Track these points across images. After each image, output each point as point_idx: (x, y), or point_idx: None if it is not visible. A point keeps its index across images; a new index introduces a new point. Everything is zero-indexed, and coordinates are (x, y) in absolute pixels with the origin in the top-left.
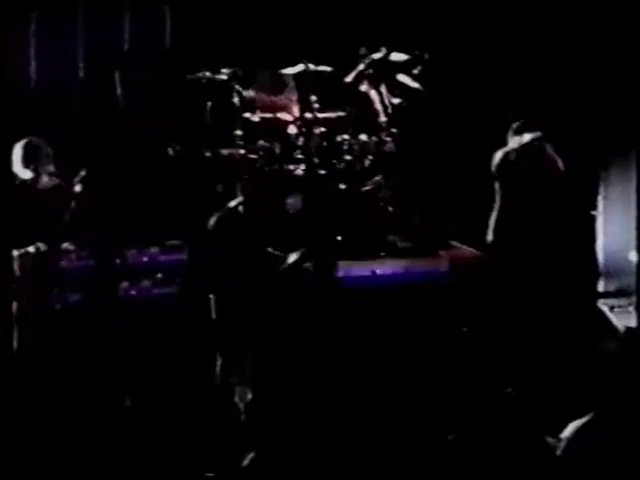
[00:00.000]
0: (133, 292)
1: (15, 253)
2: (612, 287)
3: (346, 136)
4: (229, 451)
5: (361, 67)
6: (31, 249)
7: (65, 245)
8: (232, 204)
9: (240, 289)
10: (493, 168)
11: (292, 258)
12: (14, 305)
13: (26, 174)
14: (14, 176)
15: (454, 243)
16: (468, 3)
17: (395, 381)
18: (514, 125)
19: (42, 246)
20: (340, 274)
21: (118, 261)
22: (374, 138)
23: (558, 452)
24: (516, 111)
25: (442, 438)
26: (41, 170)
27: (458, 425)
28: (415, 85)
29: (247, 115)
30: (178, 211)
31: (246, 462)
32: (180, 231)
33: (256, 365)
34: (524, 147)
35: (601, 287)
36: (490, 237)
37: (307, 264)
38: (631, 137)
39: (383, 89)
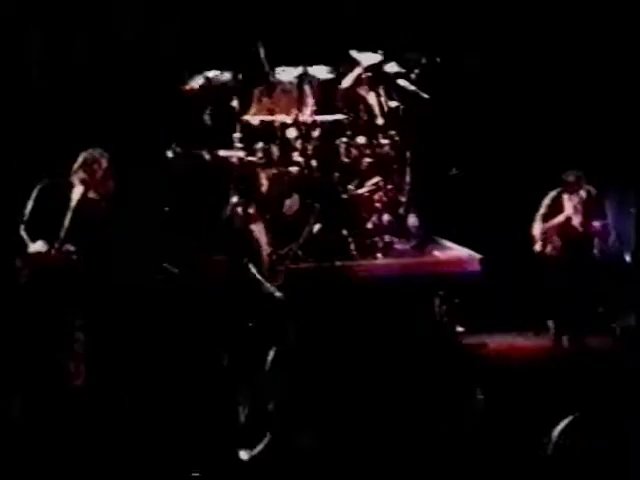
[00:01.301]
0: None
1: None
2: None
3: (344, 139)
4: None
5: (359, 70)
6: None
7: (67, 247)
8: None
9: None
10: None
11: None
12: None
13: (78, 188)
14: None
15: (448, 243)
16: (465, 7)
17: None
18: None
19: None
20: None
21: None
22: (372, 140)
23: (549, 451)
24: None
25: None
26: (90, 185)
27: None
28: (412, 88)
29: (246, 118)
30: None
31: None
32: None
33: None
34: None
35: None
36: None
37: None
38: (628, 139)
39: (381, 92)
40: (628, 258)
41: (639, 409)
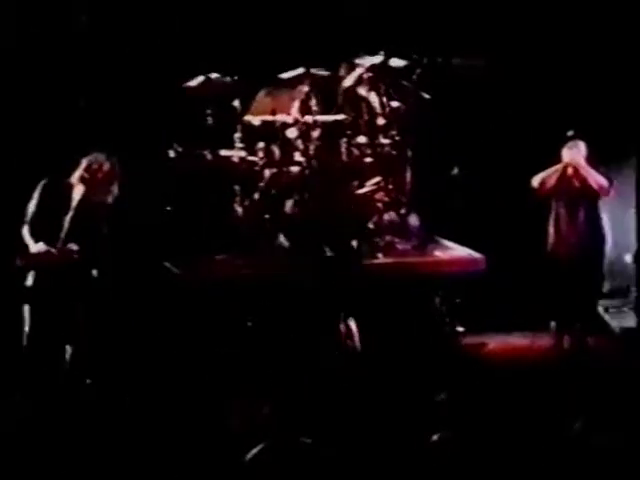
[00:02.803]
0: None
1: None
2: (608, 288)
3: (345, 138)
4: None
5: (360, 71)
6: None
7: (70, 245)
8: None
9: None
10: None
11: None
12: None
13: (79, 187)
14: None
15: (449, 243)
16: (466, 7)
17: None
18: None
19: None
20: None
21: None
22: (373, 140)
23: None
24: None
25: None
26: (92, 184)
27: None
28: (413, 88)
29: (247, 118)
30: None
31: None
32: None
33: None
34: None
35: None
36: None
37: None
38: (628, 140)
39: (382, 92)
40: (629, 258)
41: (639, 409)
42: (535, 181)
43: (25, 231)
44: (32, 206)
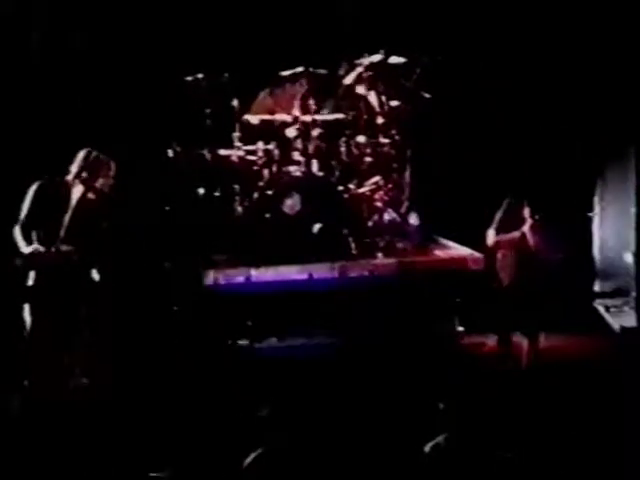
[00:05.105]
0: None
1: None
2: (608, 287)
3: (344, 138)
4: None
5: (360, 70)
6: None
7: (64, 247)
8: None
9: None
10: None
11: None
12: None
13: (77, 186)
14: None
15: (449, 243)
16: (466, 6)
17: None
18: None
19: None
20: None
21: None
22: (372, 140)
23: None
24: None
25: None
26: (91, 183)
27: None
28: (413, 87)
29: (246, 117)
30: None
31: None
32: None
33: None
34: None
35: (597, 287)
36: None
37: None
38: (628, 140)
39: (381, 91)
40: (629, 258)
41: (638, 410)
42: (489, 239)
43: (17, 232)
44: (26, 206)
